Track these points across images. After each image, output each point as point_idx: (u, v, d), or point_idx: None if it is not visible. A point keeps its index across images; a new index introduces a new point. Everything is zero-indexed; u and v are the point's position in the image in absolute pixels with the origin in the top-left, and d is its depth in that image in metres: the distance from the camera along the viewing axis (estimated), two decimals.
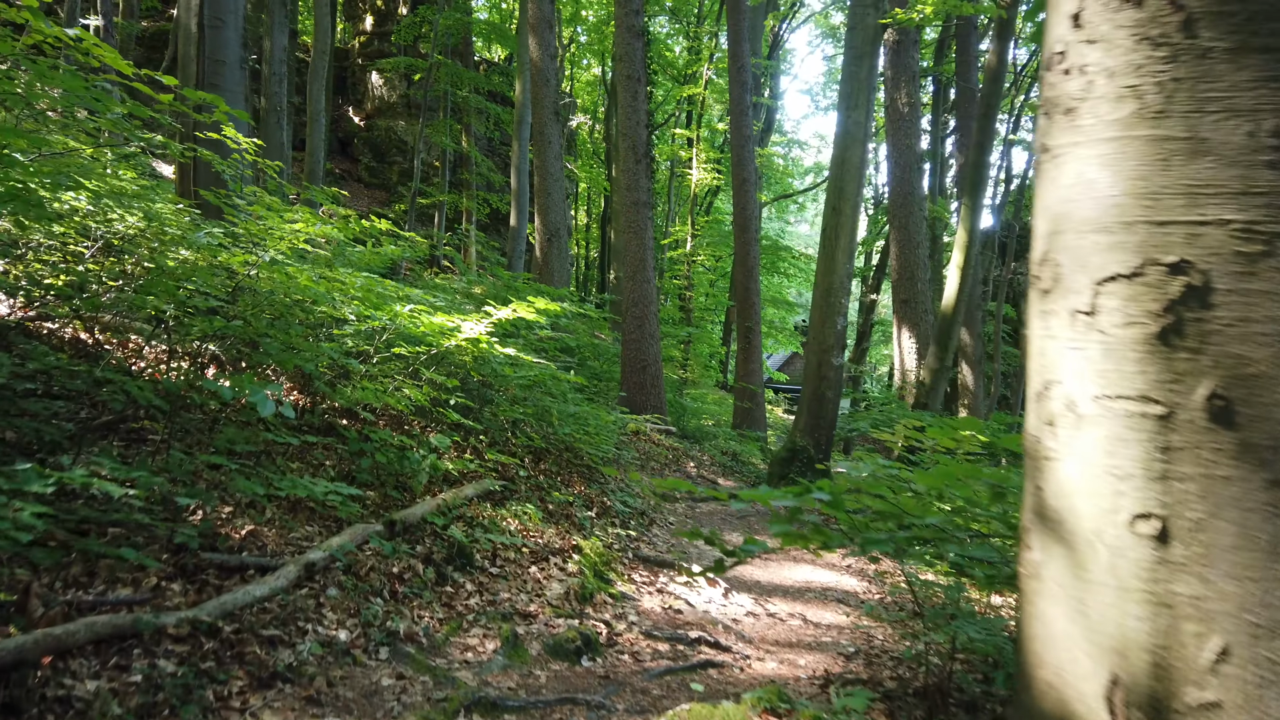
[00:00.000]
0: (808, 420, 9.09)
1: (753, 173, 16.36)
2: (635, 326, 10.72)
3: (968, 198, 11.66)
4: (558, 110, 14.53)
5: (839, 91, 9.14)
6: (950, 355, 11.70)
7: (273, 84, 15.31)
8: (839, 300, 8.97)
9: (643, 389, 10.70)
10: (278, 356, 4.07)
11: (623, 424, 9.64)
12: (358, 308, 5.35)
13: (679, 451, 10.39)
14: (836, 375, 9.02)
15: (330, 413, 5.52)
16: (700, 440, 12.13)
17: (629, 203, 10.74)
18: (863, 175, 8.95)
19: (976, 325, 18.18)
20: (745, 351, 16.34)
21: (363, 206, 27.91)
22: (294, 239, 5.16)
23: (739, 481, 10.62)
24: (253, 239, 4.74)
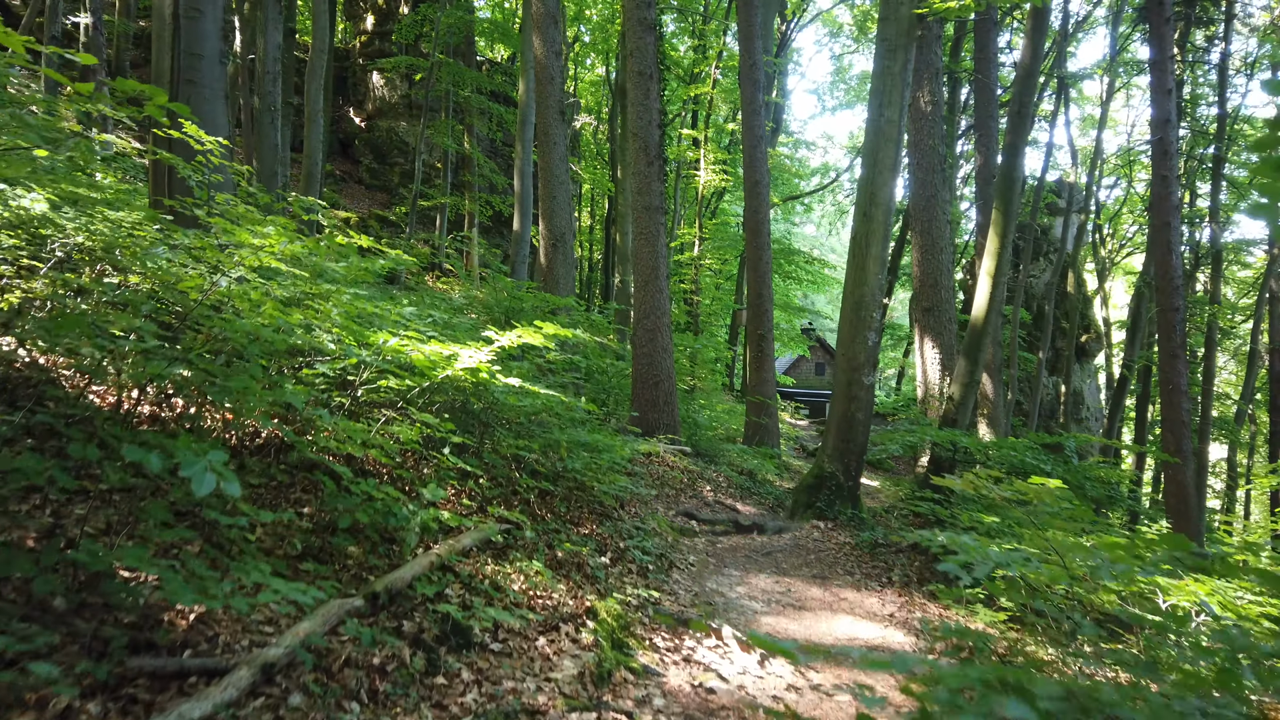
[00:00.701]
0: (836, 443, 8.32)
1: (765, 174, 15.59)
2: (647, 340, 9.96)
3: (999, 201, 10.87)
4: (563, 110, 13.76)
5: (870, 89, 8.36)
6: (981, 369, 10.91)
7: (267, 83, 14.54)
8: (870, 314, 8.20)
9: (655, 406, 9.94)
10: (236, 407, 3.31)
11: (635, 449, 8.88)
12: (340, 334, 4.59)
13: (694, 474, 9.62)
14: (867, 395, 8.24)
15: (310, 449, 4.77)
16: (714, 458, 11.36)
17: (640, 207, 9.98)
18: (895, 178, 8.18)
19: (996, 331, 17.40)
20: (757, 360, 15.56)
21: (363, 209, 27.16)
22: (262, 256, 4.40)
23: (758, 505, 9.85)
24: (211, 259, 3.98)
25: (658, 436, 9.78)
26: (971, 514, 6.84)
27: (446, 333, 6.18)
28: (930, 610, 6.37)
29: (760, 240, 15.45)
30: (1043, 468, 8.65)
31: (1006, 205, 10.81)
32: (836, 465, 8.25)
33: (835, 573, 7.01)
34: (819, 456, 8.56)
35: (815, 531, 7.91)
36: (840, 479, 8.22)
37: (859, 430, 8.24)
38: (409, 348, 4.57)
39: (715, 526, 7.68)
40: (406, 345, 4.59)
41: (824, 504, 8.16)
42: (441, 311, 6.81)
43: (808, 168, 32.14)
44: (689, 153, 22.80)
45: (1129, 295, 34.83)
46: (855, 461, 8.28)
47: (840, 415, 8.30)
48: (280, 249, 4.10)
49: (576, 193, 35.21)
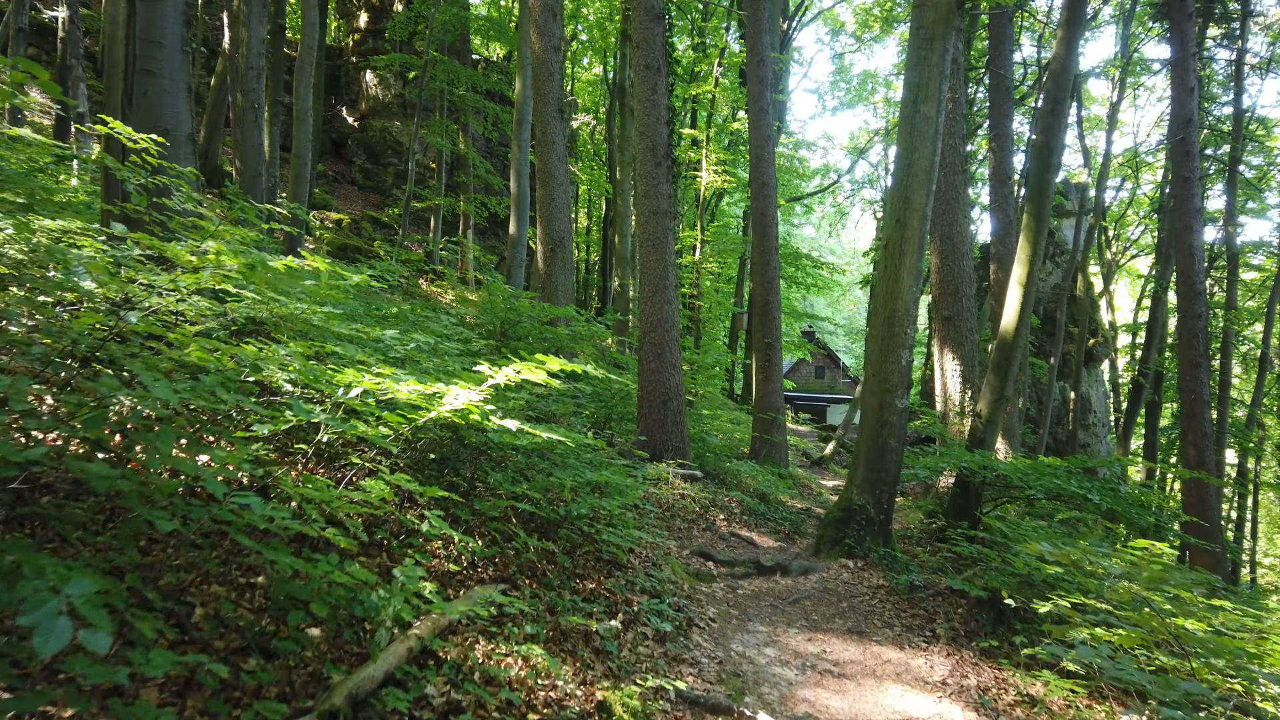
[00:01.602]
0: (866, 474, 7.45)
1: (772, 175, 14.73)
2: (654, 355, 9.09)
3: (1031, 205, 10.02)
4: (562, 108, 12.89)
5: (904, 81, 7.50)
6: (1011, 384, 10.07)
7: (250, 79, 13.63)
8: (904, 330, 7.34)
9: (663, 427, 9.07)
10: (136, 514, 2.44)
11: (644, 476, 8.00)
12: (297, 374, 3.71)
13: (705, 501, 8.75)
14: (901, 421, 7.39)
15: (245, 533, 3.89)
16: (724, 479, 10.49)
17: (647, 211, 9.10)
18: (933, 181, 7.32)
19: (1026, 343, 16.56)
20: (765, 370, 14.71)
21: (356, 210, 26.23)
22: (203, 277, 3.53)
23: (774, 534, 8.98)
24: (116, 289, 3.10)
25: (666, 460, 8.92)
26: (1029, 561, 6.00)
27: (434, 359, 5.31)
28: (986, 673, 5.52)
29: (768, 244, 14.60)
30: (1090, 497, 7.80)
31: (1039, 210, 9.96)
32: (866, 497, 7.39)
33: (873, 625, 6.16)
34: (846, 487, 7.69)
35: (844, 572, 7.06)
36: (871, 512, 7.36)
37: (891, 459, 7.38)
38: (383, 388, 3.70)
39: (734, 568, 6.82)
40: (381, 385, 3.73)
41: (853, 540, 7.31)
42: (426, 333, 5.92)
43: (808, 168, 31.29)
44: (690, 153, 21.93)
45: (1133, 299, 34.08)
46: (887, 493, 7.42)
47: (870, 442, 7.44)
48: (226, 268, 3.22)
49: (574, 194, 34.33)
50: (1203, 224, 16.81)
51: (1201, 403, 16.09)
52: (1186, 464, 15.95)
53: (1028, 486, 8.22)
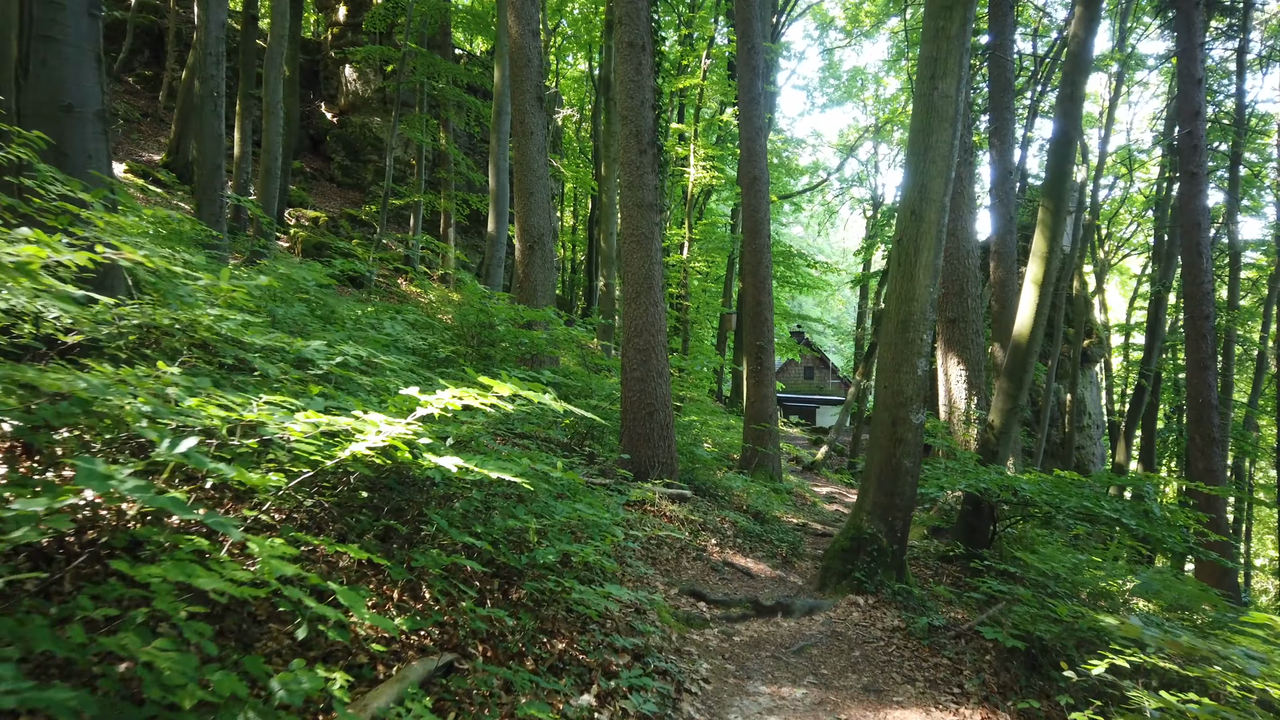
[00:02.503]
0: (878, 498, 6.52)
1: (764, 170, 13.81)
2: (639, 362, 8.14)
3: (1048, 199, 9.15)
4: (542, 97, 11.92)
5: (919, 56, 6.57)
6: (1025, 391, 9.19)
7: (208, 65, 12.57)
8: (919, 335, 6.41)
9: (648, 441, 8.12)
10: None
11: (624, 502, 7.06)
12: (149, 402, 2.74)
13: (695, 524, 7.79)
14: (916, 438, 6.46)
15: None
16: (715, 495, 9.56)
17: (631, 204, 8.15)
18: (951, 168, 6.40)
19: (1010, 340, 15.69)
20: (756, 376, 13.78)
21: (335, 208, 25.15)
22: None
23: (770, 559, 8.04)
24: None
25: (652, 479, 7.97)
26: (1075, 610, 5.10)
27: (367, 376, 4.34)
28: None
29: (759, 242, 13.68)
30: (1124, 521, 6.91)
31: (1056, 204, 9.08)
32: (878, 525, 6.46)
33: (891, 679, 5.23)
34: (855, 512, 6.75)
35: (854, 611, 6.13)
36: (883, 542, 6.43)
37: (906, 481, 6.45)
38: (273, 423, 2.75)
39: (730, 609, 5.87)
40: (272, 416, 2.77)
41: (863, 574, 6.38)
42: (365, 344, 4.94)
43: (797, 166, 30.42)
44: (678, 149, 20.99)
45: (1125, 299, 33.37)
46: (901, 520, 6.49)
47: (882, 463, 6.51)
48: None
49: (558, 191, 33.31)
50: (1210, 221, 16.00)
51: (1209, 407, 15.28)
52: (1194, 471, 15.14)
53: (1056, 509, 7.33)
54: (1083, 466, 25.86)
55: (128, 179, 19.80)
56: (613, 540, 4.65)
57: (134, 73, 25.42)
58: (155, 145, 22.85)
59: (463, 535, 3.74)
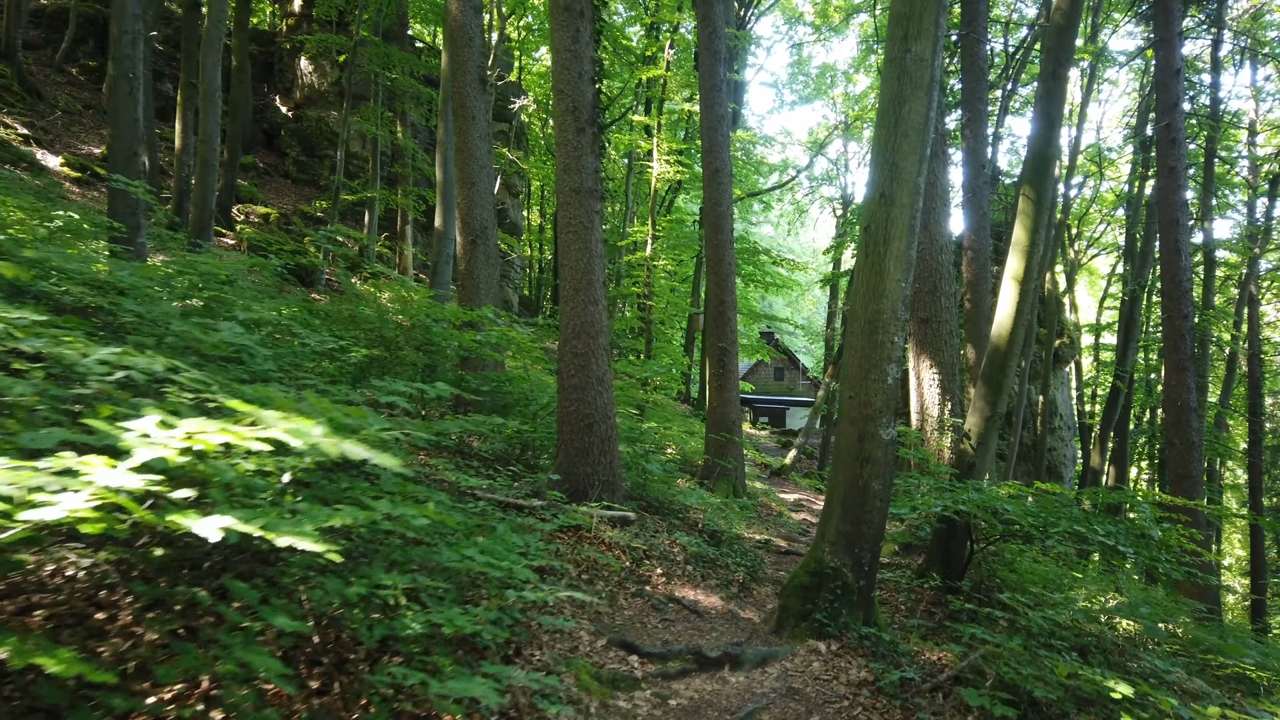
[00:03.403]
0: (842, 525, 5.55)
1: (726, 161, 12.84)
2: (577, 368, 7.13)
3: (1030, 188, 8.24)
4: (484, 78, 10.88)
5: (890, 14, 5.59)
6: (1005, 398, 8.28)
7: (124, 45, 11.36)
8: (889, 338, 5.45)
9: (587, 456, 7.10)
10: None
11: (557, 528, 6.04)
12: None
13: (639, 552, 6.77)
14: (887, 456, 5.49)
15: None
16: (669, 511, 8.57)
17: (568, 189, 7.13)
18: (927, 144, 5.45)
19: (983, 342, 14.86)
20: (719, 380, 12.82)
21: (289, 204, 23.91)
22: None
23: (724, 592, 7.05)
24: None
25: (590, 501, 6.95)
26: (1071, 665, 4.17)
27: (152, 395, 3.30)
28: None
29: (721, 237, 12.71)
30: (1119, 547, 6.00)
31: (1039, 192, 8.17)
32: (842, 557, 5.49)
33: None
34: (816, 543, 5.77)
35: (814, 660, 5.15)
36: (848, 577, 5.46)
37: (874, 507, 5.48)
38: None
39: (668, 663, 4.87)
40: None
41: (826, 615, 5.40)
42: (160, 356, 3.86)
43: (766, 164, 29.51)
44: (641, 142, 19.96)
45: (1095, 299, 32.82)
46: (869, 552, 5.52)
47: (847, 485, 5.53)
48: None
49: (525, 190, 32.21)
50: (1189, 217, 15.26)
51: (1188, 410, 14.52)
52: (1172, 475, 14.38)
53: (1043, 532, 6.42)
54: (1055, 469, 25.17)
55: (64, 171, 18.55)
56: (523, 605, 3.62)
57: (77, 64, 24.05)
58: (97, 138, 21.56)
59: (276, 615, 2.71)
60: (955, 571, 7.93)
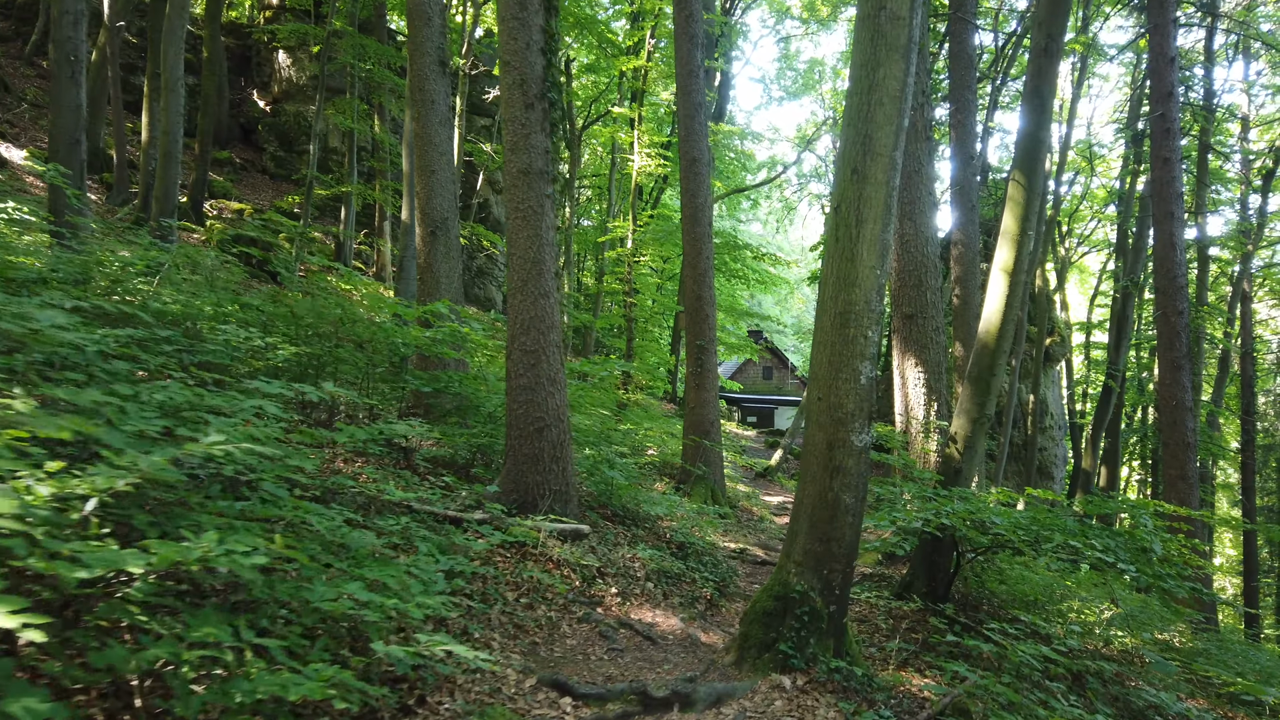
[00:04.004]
0: (810, 544, 4.88)
1: (705, 150, 12.16)
2: (526, 366, 6.45)
3: (1021, 173, 7.58)
4: (445, 60, 10.19)
5: None
6: (994, 399, 7.62)
7: (65, 25, 10.68)
8: (863, 332, 4.78)
9: (537, 463, 6.42)
10: None
11: (498, 544, 5.37)
12: None
13: (590, 570, 6.09)
14: (860, 466, 4.83)
15: None
16: (635, 524, 7.89)
17: (515, 170, 6.45)
18: (904, 114, 4.78)
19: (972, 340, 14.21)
20: (697, 378, 12.16)
21: (265, 201, 23.19)
22: None
23: (687, 611, 6.37)
24: None
25: (541, 512, 6.27)
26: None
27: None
28: None
29: (699, 230, 12.04)
30: (1120, 566, 5.35)
31: (1030, 178, 7.52)
32: (810, 580, 4.82)
33: None
34: (781, 563, 5.09)
35: (777, 698, 4.48)
36: (816, 602, 4.79)
37: (846, 522, 4.81)
38: None
39: (605, 706, 4.19)
40: None
41: (791, 645, 4.74)
42: None
43: (754, 161, 28.82)
44: (622, 134, 19.25)
45: (1085, 297, 32.21)
46: (840, 573, 4.85)
47: (815, 499, 4.86)
48: None
49: None
50: (1184, 210, 14.63)
51: (1184, 410, 13.91)
52: (1167, 477, 13.78)
53: (1035, 547, 5.77)
54: (1045, 469, 24.56)
55: (27, 165, 17.86)
56: (383, 650, 2.94)
57: (48, 57, 23.30)
58: None
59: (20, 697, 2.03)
60: (941, 585, 7.27)
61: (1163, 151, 14.19)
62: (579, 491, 7.35)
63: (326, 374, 6.88)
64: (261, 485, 3.45)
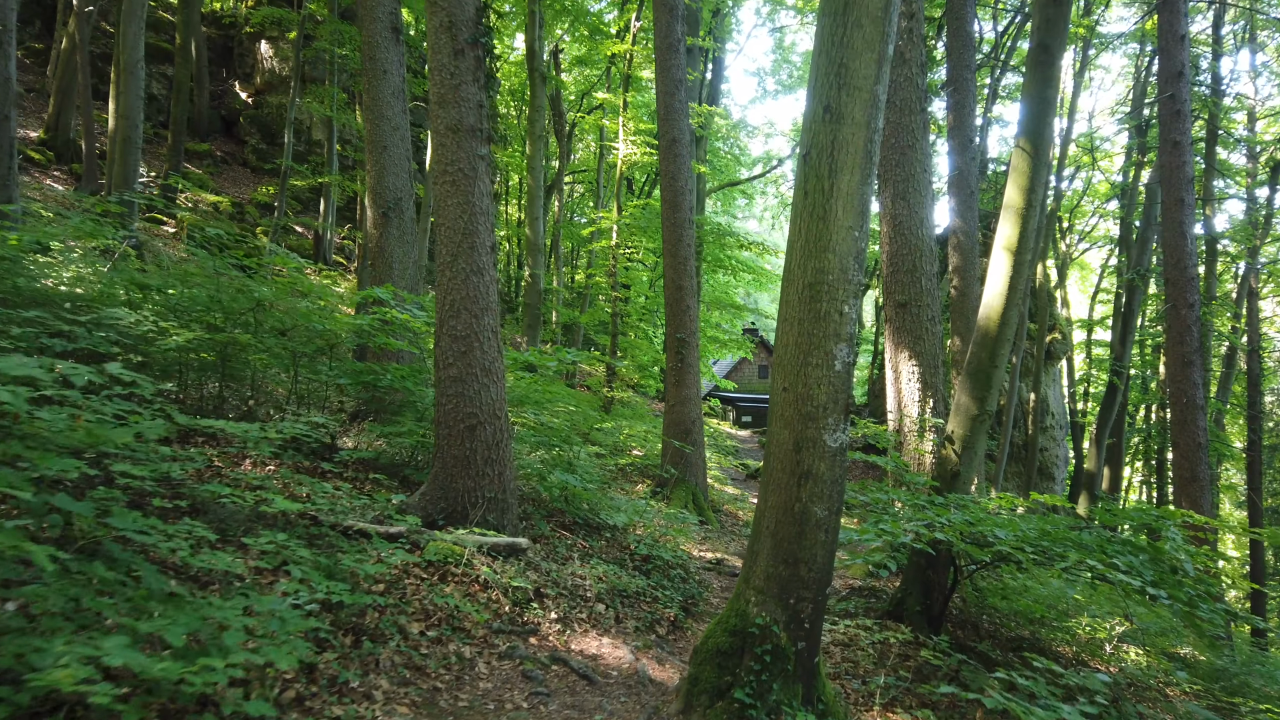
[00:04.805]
0: (773, 566, 3.93)
1: (685, 130, 11.21)
2: (457, 354, 5.50)
3: (1028, 139, 6.63)
4: (398, 27, 9.25)
5: None
6: (995, 395, 6.67)
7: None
8: (837, 307, 3.84)
9: (468, 466, 5.47)
10: None
11: (412, 563, 4.44)
12: None
13: (526, 593, 5.14)
14: (834, 472, 3.88)
15: None
16: (596, 534, 6.95)
17: (445, 128, 5.51)
18: (889, 39, 3.85)
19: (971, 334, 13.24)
20: (677, 374, 11.22)
21: (246, 194, 22.31)
22: None
23: (639, 641, 5.41)
24: None
25: (472, 524, 5.33)
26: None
27: None
28: None
29: (679, 215, 11.11)
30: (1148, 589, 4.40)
31: (1036, 144, 6.57)
32: (773, 611, 3.87)
33: None
34: (739, 592, 4.13)
35: None
36: (780, 638, 3.85)
37: (818, 540, 3.86)
38: None
39: None
40: None
41: (749, 692, 3.80)
42: None
43: (749, 156, 27.83)
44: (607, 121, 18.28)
45: (1086, 295, 31.21)
46: (810, 602, 3.90)
47: (780, 510, 3.92)
48: None
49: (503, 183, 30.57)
50: (1194, 196, 13.66)
51: (1195, 408, 12.95)
52: (1178, 479, 12.84)
53: (1044, 564, 4.83)
54: (1047, 470, 23.57)
55: None
56: None
57: (23, 45, 22.46)
58: (36, 121, 20.02)
59: None
60: (936, 603, 6.32)
61: (1172, 134, 13.23)
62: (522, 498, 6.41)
63: (237, 365, 5.95)
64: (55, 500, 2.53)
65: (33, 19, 22.56)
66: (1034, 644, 7.49)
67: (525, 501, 6.98)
